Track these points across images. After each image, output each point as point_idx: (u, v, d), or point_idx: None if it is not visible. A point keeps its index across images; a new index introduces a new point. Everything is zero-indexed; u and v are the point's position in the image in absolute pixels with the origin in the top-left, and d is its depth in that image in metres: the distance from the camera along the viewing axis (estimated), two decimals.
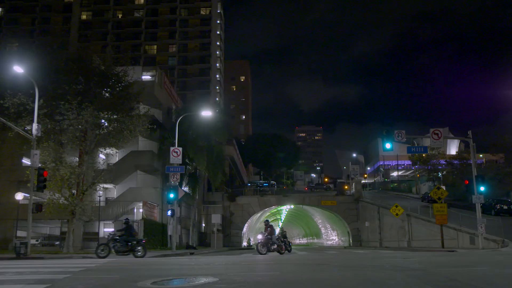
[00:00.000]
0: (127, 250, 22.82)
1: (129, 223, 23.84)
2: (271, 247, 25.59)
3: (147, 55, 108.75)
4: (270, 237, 25.71)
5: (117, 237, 22.85)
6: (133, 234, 23.40)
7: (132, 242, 22.94)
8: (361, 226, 57.38)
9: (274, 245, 25.74)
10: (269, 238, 25.64)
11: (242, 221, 62.11)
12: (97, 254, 22.09)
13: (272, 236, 25.82)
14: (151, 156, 43.33)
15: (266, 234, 25.75)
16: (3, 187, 38.96)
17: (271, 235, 25.84)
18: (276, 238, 26.06)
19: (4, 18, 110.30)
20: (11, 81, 28.20)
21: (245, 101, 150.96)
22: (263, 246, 25.24)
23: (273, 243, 25.71)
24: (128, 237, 22.97)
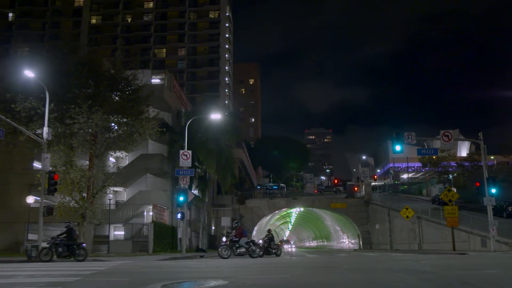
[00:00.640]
0: (68, 254, 22.73)
1: (70, 227, 23.77)
2: (237, 251, 24.49)
3: (157, 59, 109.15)
4: (237, 240, 24.66)
5: (58, 241, 22.84)
6: (74, 238, 23.32)
7: (73, 246, 22.83)
8: (371, 228, 57.15)
9: (241, 249, 24.61)
10: (235, 241, 24.61)
11: (252, 224, 62.08)
12: (39, 258, 22.20)
13: (241, 239, 24.73)
14: (161, 159, 43.45)
15: (231, 237, 24.85)
16: (14, 191, 39.21)
17: (240, 237, 24.78)
18: (245, 242, 24.85)
19: (15, 23, 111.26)
20: (22, 86, 28.42)
21: (254, 104, 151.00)
22: (226, 249, 24.18)
23: (239, 246, 24.61)
24: (69, 241, 22.94)
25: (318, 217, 79.30)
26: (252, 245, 24.99)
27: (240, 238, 24.76)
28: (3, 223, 38.09)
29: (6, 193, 39.23)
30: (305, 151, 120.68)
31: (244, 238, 25.00)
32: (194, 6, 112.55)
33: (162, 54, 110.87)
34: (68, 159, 29.59)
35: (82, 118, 28.91)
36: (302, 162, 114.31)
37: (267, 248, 26.95)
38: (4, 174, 38.83)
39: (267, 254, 26.90)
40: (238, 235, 24.94)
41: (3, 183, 39.14)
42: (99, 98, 30.18)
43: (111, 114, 30.58)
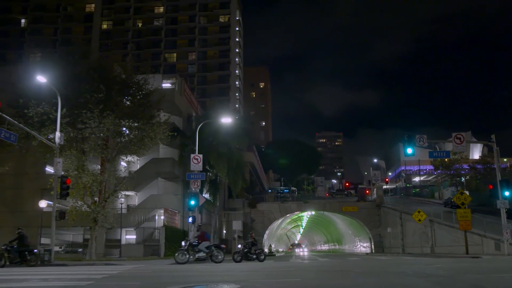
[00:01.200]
0: (19, 260, 22.60)
1: (21, 233, 23.67)
2: (196, 255, 23.60)
3: (167, 63, 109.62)
4: (196, 244, 23.75)
5: (10, 247, 22.82)
6: (25, 244, 23.20)
7: (25, 252, 22.69)
8: (383, 232, 56.83)
9: (201, 253, 23.63)
10: (195, 245, 23.71)
11: (263, 228, 61.99)
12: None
13: (201, 243, 23.77)
14: (172, 163, 43.58)
15: (192, 241, 24.06)
16: (27, 195, 39.54)
17: (202, 241, 23.90)
18: (205, 246, 23.80)
19: (28, 29, 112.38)
20: (35, 91, 28.69)
21: (265, 108, 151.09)
22: (183, 254, 23.25)
23: (199, 250, 23.64)
24: (20, 247, 22.90)
25: (330, 220, 79.05)
26: (214, 249, 23.86)
27: (201, 242, 23.83)
28: (16, 227, 38.27)
29: (19, 197, 39.58)
30: (316, 154, 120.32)
31: (205, 242, 24.03)
32: (204, 10, 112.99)
33: (173, 58, 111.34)
34: (80, 163, 29.80)
35: (93, 123, 29.10)
36: (313, 165, 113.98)
37: (247, 253, 25.42)
38: (17, 178, 39.17)
39: (246, 259, 25.40)
40: (199, 239, 24.11)
41: (16, 188, 39.49)
42: (111, 103, 30.37)
43: (122, 119, 30.77)
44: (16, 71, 39.21)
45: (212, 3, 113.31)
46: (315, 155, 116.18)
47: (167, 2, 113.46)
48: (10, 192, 39.64)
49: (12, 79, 33.62)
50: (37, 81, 26.04)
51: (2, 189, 38.46)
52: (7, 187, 39.05)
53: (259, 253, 25.80)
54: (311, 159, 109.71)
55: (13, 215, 38.99)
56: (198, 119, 46.03)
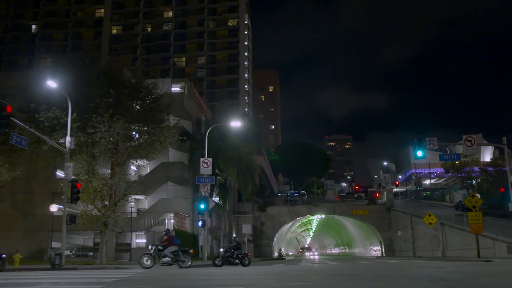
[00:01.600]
0: None
1: None
2: (161, 260, 22.90)
3: (176, 67, 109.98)
4: (162, 249, 23.00)
5: None
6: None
7: None
8: (393, 235, 56.52)
9: (166, 258, 22.85)
10: (161, 250, 22.99)
11: (273, 231, 61.88)
12: None
13: (167, 248, 23.01)
14: (182, 167, 43.67)
15: (158, 245, 23.33)
16: (38, 199, 39.80)
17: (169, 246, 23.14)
18: (171, 251, 22.94)
19: (38, 34, 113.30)
20: (45, 96, 28.91)
21: (274, 111, 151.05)
22: (149, 258, 22.59)
23: (164, 255, 22.89)
24: None
25: (340, 224, 78.78)
26: (181, 254, 23.07)
27: (167, 247, 23.09)
28: (27, 231, 38.68)
29: (30, 202, 39.83)
30: (326, 157, 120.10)
31: (172, 247, 23.18)
32: (213, 14, 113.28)
33: (182, 62, 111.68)
34: (90, 167, 29.95)
35: (103, 127, 29.24)
36: (323, 168, 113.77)
37: (228, 258, 24.72)
38: (28, 183, 39.43)
39: (228, 264, 24.70)
40: (167, 243, 23.30)
41: (27, 192, 39.75)
42: (120, 107, 30.52)
43: (132, 123, 30.90)
44: (27, 76, 39.55)
45: (220, 7, 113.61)
46: (324, 158, 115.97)
47: (176, 6, 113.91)
48: (21, 197, 39.91)
49: (23, 84, 33.92)
50: (47, 86, 26.22)
51: (13, 193, 38.73)
52: (18, 192, 39.32)
53: (243, 257, 24.98)
54: (320, 162, 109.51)
55: (24, 219, 39.27)
56: (207, 123, 46.15)
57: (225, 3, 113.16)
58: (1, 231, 38.14)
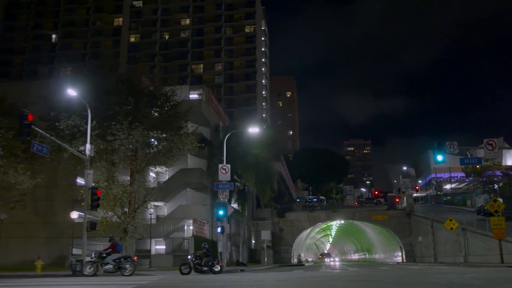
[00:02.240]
0: None
1: None
2: (103, 267, 22.43)
3: (194, 74, 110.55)
4: (105, 256, 22.59)
5: None
6: None
7: None
8: (414, 241, 55.90)
9: (108, 265, 22.39)
10: (103, 257, 22.59)
11: (292, 237, 61.68)
12: None
13: (111, 255, 22.57)
14: (200, 173, 43.79)
15: (101, 252, 23.03)
16: (59, 207, 40.21)
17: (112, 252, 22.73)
18: (113, 258, 22.49)
19: (58, 44, 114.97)
20: (65, 104, 29.27)
21: (292, 117, 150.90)
22: (91, 266, 22.24)
23: (106, 263, 22.41)
24: None
25: (359, 229, 78.21)
26: (124, 261, 22.55)
27: (110, 254, 22.65)
28: (49, 238, 39.10)
29: (51, 209, 40.28)
30: (344, 163, 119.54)
31: (115, 254, 22.74)
32: (230, 21, 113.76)
33: (200, 69, 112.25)
34: (110, 174, 30.18)
35: (123, 135, 29.46)
36: (341, 174, 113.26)
37: (196, 265, 23.81)
38: (49, 190, 39.88)
39: (197, 271, 23.89)
40: (110, 250, 22.89)
41: (48, 199, 40.21)
42: (139, 115, 30.75)
43: (151, 130, 31.10)
44: (48, 85, 40.13)
45: (237, 14, 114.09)
46: (343, 164, 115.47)
47: (193, 14, 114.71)
48: (42, 204, 40.38)
49: (44, 93, 34.36)
50: (67, 95, 26.53)
51: (35, 200, 39.19)
52: (40, 199, 39.78)
53: (213, 264, 24.00)
54: (339, 167, 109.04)
55: (45, 226, 39.70)
56: (225, 129, 46.26)
57: (242, 10, 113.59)
58: (24, 237, 38.64)
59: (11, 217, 37.04)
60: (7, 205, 34.01)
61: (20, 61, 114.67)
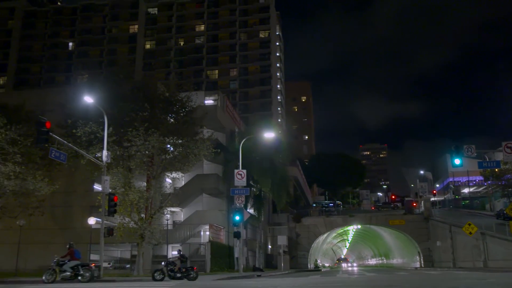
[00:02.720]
0: None
1: None
2: (61, 275, 22.19)
3: (209, 80, 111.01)
4: (63, 263, 22.31)
5: None
6: None
7: None
8: (432, 245, 55.30)
9: (66, 273, 22.14)
10: (61, 264, 22.31)
11: (309, 243, 61.42)
12: None
13: (68, 262, 22.32)
14: (216, 179, 43.82)
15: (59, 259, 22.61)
16: (76, 213, 40.57)
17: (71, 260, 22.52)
18: (71, 265, 22.24)
19: (75, 51, 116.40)
20: (82, 111, 29.54)
21: (307, 121, 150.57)
22: (51, 273, 21.94)
23: (64, 270, 22.15)
24: None
25: (376, 234, 77.63)
26: (81, 268, 22.36)
27: (69, 261, 22.42)
28: (67, 243, 39.29)
29: (69, 215, 40.66)
30: (360, 167, 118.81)
31: (73, 261, 22.54)
32: (245, 27, 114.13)
33: (215, 75, 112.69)
34: (127, 181, 30.36)
35: (139, 141, 29.63)
36: (358, 178, 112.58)
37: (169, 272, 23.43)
38: (67, 196, 40.28)
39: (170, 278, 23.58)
40: (68, 258, 22.69)
41: (66, 205, 40.60)
42: (155, 121, 30.91)
43: (166, 136, 31.22)
44: (65, 92, 40.57)
45: (251, 20, 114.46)
46: (359, 168, 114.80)
47: (208, 20, 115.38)
48: (60, 210, 40.77)
49: (61, 100, 34.71)
50: (84, 102, 26.77)
51: (53, 207, 39.55)
52: (58, 205, 40.16)
53: (187, 271, 23.43)
54: (355, 172, 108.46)
55: (63, 232, 40.05)
56: (241, 135, 46.27)
57: (256, 16, 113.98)
58: (42, 243, 39.06)
59: (30, 223, 37.51)
60: (26, 211, 34.43)
61: (38, 69, 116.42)
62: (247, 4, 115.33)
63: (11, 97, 41.91)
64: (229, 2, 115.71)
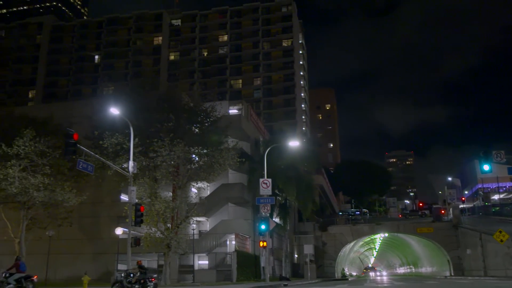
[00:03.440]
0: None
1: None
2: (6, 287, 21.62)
3: (233, 90, 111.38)
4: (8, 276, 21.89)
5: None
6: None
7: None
8: (462, 254, 54.24)
9: (10, 285, 21.66)
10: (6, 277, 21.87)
11: (335, 251, 60.87)
12: None
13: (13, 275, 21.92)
14: (241, 188, 43.83)
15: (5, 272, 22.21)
16: (104, 223, 41.01)
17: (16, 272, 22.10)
18: (15, 278, 21.80)
19: (101, 64, 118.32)
20: (109, 123, 29.94)
21: (332, 129, 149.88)
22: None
23: (8, 283, 21.68)
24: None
25: (404, 242, 76.53)
26: (24, 281, 22.01)
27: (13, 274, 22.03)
28: (95, 253, 39.89)
29: (96, 225, 41.13)
30: (387, 174, 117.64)
31: (17, 274, 22.14)
32: (267, 36, 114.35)
33: (238, 84, 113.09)
34: (153, 191, 30.62)
35: (164, 151, 29.87)
36: (384, 186, 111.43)
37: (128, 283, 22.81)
38: (94, 207, 40.77)
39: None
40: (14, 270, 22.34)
41: (93, 216, 41.10)
42: (180, 131, 31.14)
43: (191, 146, 31.42)
44: (91, 104, 41.25)
45: (274, 29, 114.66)
46: (385, 176, 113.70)
47: (231, 30, 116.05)
48: (88, 220, 41.27)
49: (88, 112, 35.30)
50: (110, 113, 27.09)
51: (81, 217, 40.10)
52: (85, 216, 40.68)
53: (145, 282, 22.83)
54: (381, 179, 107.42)
55: (91, 242, 40.55)
56: (265, 144, 46.21)
57: (279, 24, 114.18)
58: (71, 254, 39.61)
59: (59, 233, 38.09)
60: (55, 222, 35.05)
61: (65, 82, 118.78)
62: (269, 14, 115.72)
63: (40, 110, 42.68)
64: (252, 12, 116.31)
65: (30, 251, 34.76)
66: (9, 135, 31.32)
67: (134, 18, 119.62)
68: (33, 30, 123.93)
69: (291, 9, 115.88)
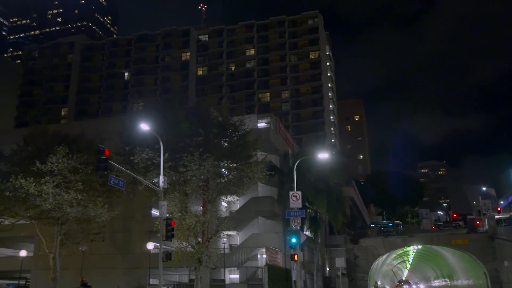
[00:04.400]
0: None
1: None
2: None
3: (261, 103, 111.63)
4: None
5: None
6: None
7: None
8: (499, 266, 52.77)
9: None
10: None
11: (367, 264, 59.97)
12: None
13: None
14: (271, 201, 43.69)
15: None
16: (135, 238, 41.37)
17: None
18: None
19: (131, 81, 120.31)
20: (139, 138, 30.27)
21: (361, 140, 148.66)
22: None
23: None
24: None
25: (438, 254, 74.93)
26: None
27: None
28: (127, 268, 40.19)
29: (128, 240, 41.51)
30: (419, 185, 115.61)
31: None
32: (294, 48, 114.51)
33: (266, 98, 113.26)
34: (183, 205, 30.73)
35: (194, 166, 29.99)
36: (416, 197, 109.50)
37: None
38: (126, 222, 41.19)
39: None
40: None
41: (125, 231, 41.51)
42: (209, 145, 31.26)
43: (221, 160, 31.50)
44: (122, 121, 41.79)
45: (301, 41, 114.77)
46: (417, 186, 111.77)
47: (258, 44, 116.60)
48: (120, 235, 41.70)
49: (119, 128, 35.79)
50: (140, 129, 27.39)
51: (113, 232, 40.54)
52: (117, 231, 41.12)
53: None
54: (413, 190, 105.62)
55: (123, 257, 40.90)
56: (294, 156, 46.06)
57: (306, 37, 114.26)
58: (104, 268, 40.02)
59: (92, 248, 38.58)
60: (87, 237, 35.49)
61: (96, 99, 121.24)
62: (296, 26, 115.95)
63: (72, 127, 43.53)
64: (278, 25, 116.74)
65: (64, 266, 35.25)
66: (43, 152, 32.01)
67: (162, 34, 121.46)
68: (65, 49, 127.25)
69: (317, 21, 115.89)
